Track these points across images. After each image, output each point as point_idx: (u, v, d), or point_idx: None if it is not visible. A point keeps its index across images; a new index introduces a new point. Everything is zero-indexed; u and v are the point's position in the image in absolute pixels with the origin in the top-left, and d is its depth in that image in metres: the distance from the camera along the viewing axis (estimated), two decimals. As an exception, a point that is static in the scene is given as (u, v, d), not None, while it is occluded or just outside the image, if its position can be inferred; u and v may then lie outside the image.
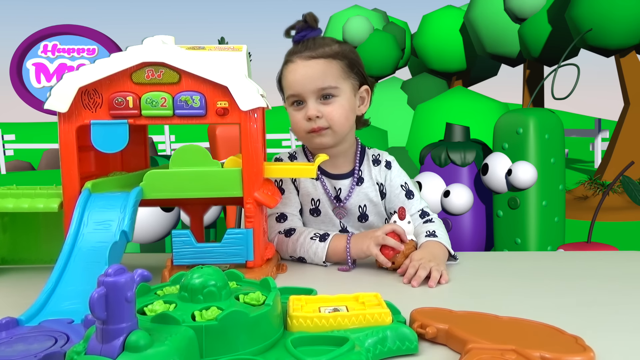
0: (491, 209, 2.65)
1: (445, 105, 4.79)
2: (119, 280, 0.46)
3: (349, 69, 1.13)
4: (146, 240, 2.20)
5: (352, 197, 1.17)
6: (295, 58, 1.12)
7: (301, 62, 1.11)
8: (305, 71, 1.10)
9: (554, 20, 7.15)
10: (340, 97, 1.11)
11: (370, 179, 1.20)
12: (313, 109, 1.09)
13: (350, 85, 1.14)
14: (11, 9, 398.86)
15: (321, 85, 1.09)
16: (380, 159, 1.22)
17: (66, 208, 0.87)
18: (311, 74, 1.09)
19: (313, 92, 1.10)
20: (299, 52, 1.12)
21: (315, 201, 1.17)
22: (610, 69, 7.41)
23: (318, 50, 1.11)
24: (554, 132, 2.51)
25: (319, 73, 1.10)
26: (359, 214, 1.19)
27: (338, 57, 1.12)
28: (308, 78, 1.09)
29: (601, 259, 1.10)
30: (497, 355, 0.55)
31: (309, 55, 1.11)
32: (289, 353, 0.55)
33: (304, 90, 1.10)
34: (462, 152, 2.66)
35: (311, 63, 1.10)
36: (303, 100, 1.11)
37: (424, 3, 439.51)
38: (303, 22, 1.15)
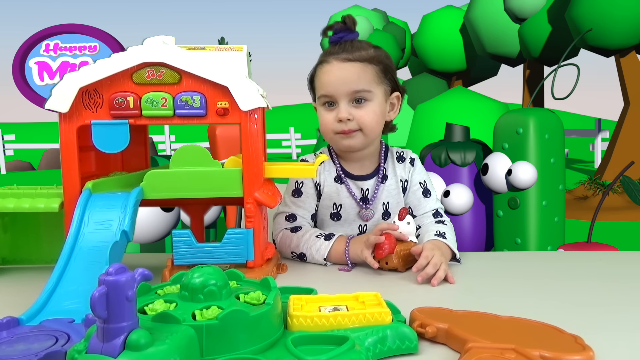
0: (491, 209, 2.65)
1: (445, 105, 4.79)
2: (119, 280, 0.46)
3: (383, 75, 1.13)
4: (146, 240, 2.20)
5: (377, 195, 1.17)
6: (332, 59, 1.12)
7: (337, 64, 1.11)
8: (341, 73, 1.10)
9: (554, 20, 7.15)
10: (373, 102, 1.11)
11: (395, 175, 1.19)
12: (345, 111, 1.09)
13: (383, 91, 1.14)
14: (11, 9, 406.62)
15: (355, 88, 1.09)
16: (405, 156, 1.23)
17: (67, 208, 0.87)
18: (346, 77, 1.09)
19: (346, 95, 1.10)
20: (335, 53, 1.12)
21: (337, 206, 1.17)
22: (610, 69, 7.40)
23: (355, 54, 1.11)
24: (554, 132, 2.51)
25: (354, 76, 1.09)
26: (382, 211, 1.18)
27: (374, 62, 1.12)
28: (342, 80, 1.09)
29: (601, 259, 1.10)
30: (497, 355, 0.55)
31: (346, 58, 1.10)
32: (289, 352, 0.55)
33: (338, 92, 1.10)
34: (462, 152, 2.66)
35: (347, 66, 1.10)
36: (335, 102, 1.11)
37: (424, 3, 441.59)
38: (342, 24, 1.16)
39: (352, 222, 1.17)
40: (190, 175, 0.89)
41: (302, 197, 1.16)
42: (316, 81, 1.15)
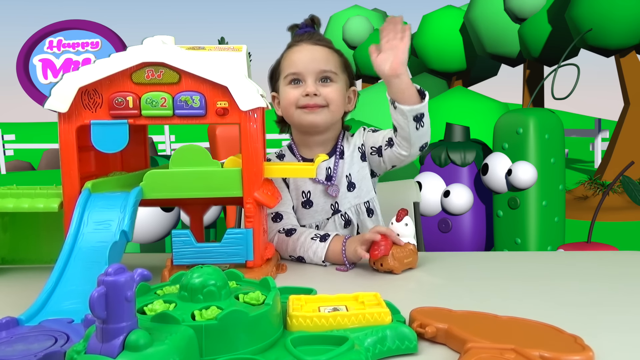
0: (491, 209, 2.65)
1: (445, 105, 4.79)
2: (119, 280, 0.46)
3: (344, 67, 1.22)
4: (146, 240, 2.20)
5: (338, 170, 1.21)
6: (301, 42, 1.19)
7: (307, 46, 1.18)
8: (311, 53, 1.17)
9: (554, 20, 7.15)
10: (338, 84, 1.18)
11: (349, 147, 1.24)
12: (312, 85, 1.15)
13: (345, 80, 1.21)
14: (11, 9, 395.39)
15: (324, 68, 1.16)
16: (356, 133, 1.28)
17: (66, 208, 0.87)
18: (316, 56, 1.16)
19: (314, 73, 1.15)
20: (304, 39, 1.20)
21: (306, 193, 1.20)
22: (610, 69, 7.40)
23: (323, 41, 1.20)
24: (554, 132, 2.52)
25: (323, 57, 1.17)
26: (347, 183, 1.21)
27: (338, 53, 1.21)
28: (312, 59, 1.16)
29: (601, 259, 1.10)
30: (497, 355, 0.55)
31: (315, 42, 1.19)
32: (289, 352, 0.55)
33: (307, 69, 1.15)
34: (462, 152, 2.66)
35: (317, 47, 1.18)
36: (302, 80, 1.16)
37: (424, 3, 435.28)
38: (309, 20, 1.25)
39: (324, 204, 1.20)
40: (190, 175, 0.89)
41: None
42: (282, 63, 1.21)
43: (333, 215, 1.20)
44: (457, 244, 2.62)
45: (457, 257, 1.11)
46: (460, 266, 1.03)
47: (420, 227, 1.53)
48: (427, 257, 1.17)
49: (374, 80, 9.61)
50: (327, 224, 1.21)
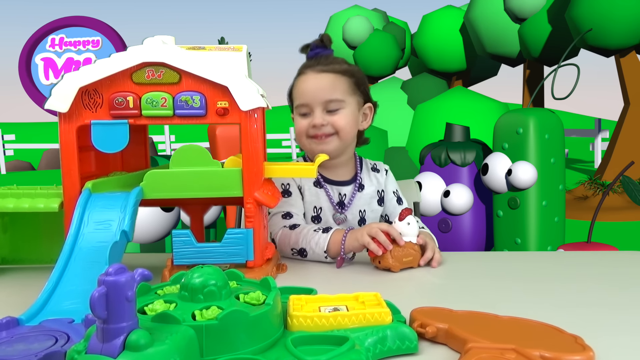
0: (491, 209, 2.65)
1: (445, 105, 4.79)
2: (119, 280, 0.46)
3: (356, 87, 1.21)
4: (146, 240, 2.20)
5: (354, 202, 1.24)
6: (307, 70, 1.21)
7: (312, 75, 1.19)
8: (316, 83, 1.18)
9: (554, 20, 7.15)
10: (346, 109, 1.19)
11: (372, 185, 1.28)
12: (319, 117, 1.17)
13: (356, 101, 1.22)
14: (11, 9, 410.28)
15: (328, 98, 1.17)
16: (379, 167, 1.32)
17: (66, 208, 0.87)
18: (321, 86, 1.17)
19: (320, 103, 1.17)
20: (311, 65, 1.21)
21: (318, 209, 1.22)
22: (610, 69, 7.41)
23: (329, 66, 1.19)
24: (554, 132, 2.51)
25: (327, 86, 1.17)
26: (359, 218, 1.24)
27: (347, 75, 1.20)
28: (317, 89, 1.17)
29: (601, 259, 1.10)
30: (497, 355, 0.55)
31: (321, 69, 1.19)
32: (289, 352, 0.55)
33: (313, 100, 1.17)
34: (462, 152, 2.66)
35: (322, 76, 1.18)
36: (310, 110, 1.18)
37: (424, 3, 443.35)
38: (319, 41, 1.25)
39: (332, 223, 1.22)
40: (190, 175, 0.89)
41: (292, 196, 1.20)
42: (294, 92, 1.23)
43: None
44: (457, 244, 2.62)
45: (457, 257, 1.11)
46: (460, 266, 1.03)
47: (420, 227, 1.53)
48: (427, 257, 1.17)
49: (374, 80, 9.61)
50: None
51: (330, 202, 1.22)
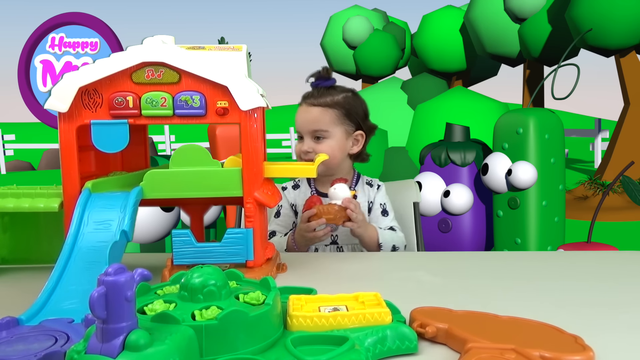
0: (491, 209, 2.65)
1: (445, 105, 4.79)
2: (119, 280, 0.46)
3: (345, 117, 1.37)
4: (146, 240, 2.20)
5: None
6: (303, 102, 1.39)
7: (304, 108, 1.38)
8: (305, 116, 1.37)
9: (554, 20, 7.15)
10: (330, 139, 1.36)
11: (363, 196, 1.42)
12: (307, 145, 1.37)
13: (343, 130, 1.38)
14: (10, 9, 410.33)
15: (314, 128, 1.36)
16: (373, 183, 1.46)
17: (66, 208, 0.87)
18: (309, 118, 1.36)
19: (308, 132, 1.37)
20: (306, 97, 1.39)
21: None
22: (610, 69, 7.41)
23: (319, 99, 1.36)
24: (554, 132, 2.52)
25: (315, 118, 1.36)
26: None
27: (335, 107, 1.36)
28: (306, 120, 1.37)
29: (601, 259, 1.10)
30: (497, 355, 0.55)
31: (311, 103, 1.37)
32: (289, 352, 0.55)
33: (303, 129, 1.38)
34: (462, 152, 2.66)
35: (311, 109, 1.36)
36: (303, 137, 1.38)
37: (424, 3, 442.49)
38: (318, 73, 1.41)
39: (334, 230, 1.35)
40: (190, 175, 0.89)
41: (281, 217, 1.41)
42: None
43: (331, 244, 1.37)
44: (457, 244, 2.62)
45: (457, 257, 1.11)
46: (460, 266, 1.03)
47: (420, 227, 1.53)
48: (427, 257, 1.17)
49: (374, 80, 9.61)
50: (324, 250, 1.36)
51: None
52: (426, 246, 1.58)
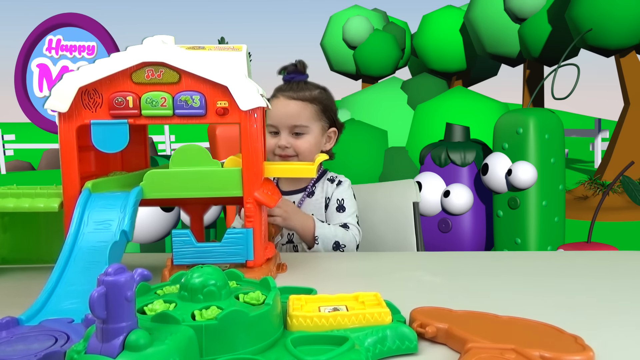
0: (491, 209, 2.65)
1: (445, 105, 4.79)
2: (119, 280, 0.46)
3: (322, 113, 1.35)
4: (146, 240, 2.20)
5: (302, 207, 1.35)
6: (279, 95, 1.33)
7: (283, 100, 1.32)
8: (285, 109, 1.31)
9: (554, 20, 7.15)
10: (309, 135, 1.33)
11: (322, 192, 1.38)
12: (284, 140, 1.31)
13: (320, 126, 1.35)
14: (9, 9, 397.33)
15: (294, 123, 1.31)
16: (335, 179, 1.41)
17: (66, 208, 0.87)
18: (289, 112, 1.31)
19: (287, 127, 1.32)
20: (283, 90, 1.34)
21: None
22: (610, 69, 7.41)
23: (299, 93, 1.32)
24: (554, 132, 2.52)
25: (295, 112, 1.31)
26: None
27: (314, 102, 1.33)
28: (285, 115, 1.31)
29: (601, 259, 1.10)
30: (497, 355, 0.55)
31: (290, 96, 1.32)
32: (289, 352, 0.55)
33: (280, 124, 1.32)
34: (462, 152, 2.66)
35: (290, 103, 1.31)
36: (278, 131, 1.32)
37: (424, 3, 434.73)
38: (294, 66, 1.36)
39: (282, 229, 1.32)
40: (190, 175, 0.89)
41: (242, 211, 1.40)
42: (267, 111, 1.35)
43: (287, 244, 1.35)
44: (457, 244, 2.62)
45: (457, 257, 1.11)
46: (460, 266, 1.03)
47: (420, 227, 1.53)
48: (427, 257, 1.17)
49: (373, 80, 9.61)
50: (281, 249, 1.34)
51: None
52: (426, 246, 1.58)
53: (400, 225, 1.49)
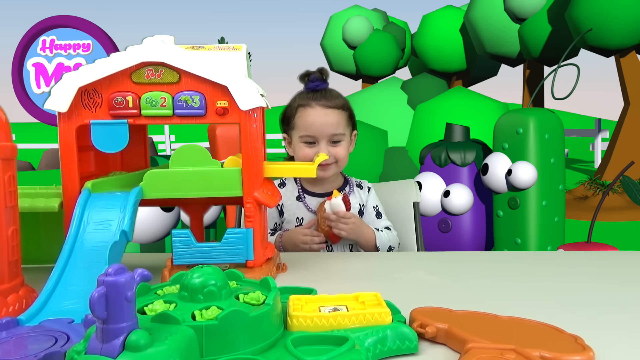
0: (491, 209, 2.65)
1: (445, 105, 4.79)
2: (119, 280, 0.46)
3: (349, 119, 1.38)
4: (146, 240, 2.20)
5: None
6: (314, 104, 1.33)
7: (320, 110, 1.33)
8: (324, 119, 1.32)
9: (554, 20, 7.15)
10: (344, 141, 1.36)
11: (355, 199, 1.41)
12: (325, 149, 1.33)
13: (350, 132, 1.40)
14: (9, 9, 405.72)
15: (334, 132, 1.33)
16: (363, 185, 1.47)
17: (66, 208, 0.87)
18: (328, 121, 1.32)
19: (326, 136, 1.33)
20: (317, 99, 1.34)
21: (300, 219, 1.39)
22: (610, 69, 7.40)
23: (333, 101, 1.34)
24: (554, 132, 2.51)
25: (334, 122, 1.33)
26: None
27: (345, 109, 1.36)
28: (325, 124, 1.32)
29: (601, 259, 1.10)
30: (497, 355, 0.55)
31: (327, 105, 1.33)
32: (289, 352, 0.55)
33: (320, 133, 1.33)
34: (462, 152, 2.66)
35: (328, 112, 1.33)
36: (316, 141, 1.33)
37: (424, 3, 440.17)
38: (319, 74, 1.36)
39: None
40: (189, 175, 0.89)
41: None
42: (297, 121, 1.36)
43: (321, 243, 1.35)
44: (457, 244, 2.62)
45: (457, 257, 1.11)
46: (460, 266, 1.03)
47: (420, 227, 1.53)
48: (427, 257, 1.17)
49: (374, 80, 9.61)
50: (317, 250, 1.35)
51: (312, 212, 1.38)
52: (426, 246, 1.58)
53: (401, 225, 1.49)
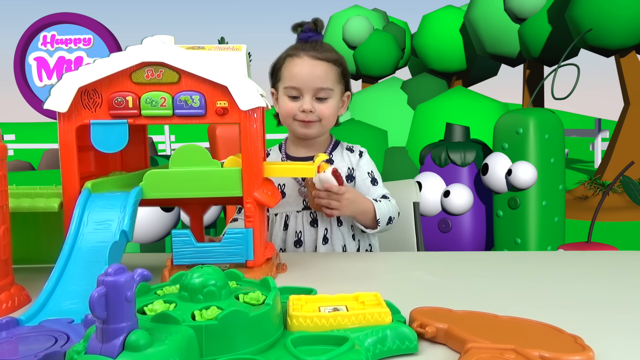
0: (491, 209, 2.65)
1: (445, 105, 4.79)
2: (119, 280, 0.46)
3: (341, 76, 1.27)
4: (146, 240, 2.20)
5: None
6: (302, 54, 1.23)
7: (308, 60, 1.22)
8: (310, 70, 1.21)
9: (554, 20, 7.15)
10: (332, 99, 1.25)
11: (342, 161, 1.31)
12: (309, 103, 1.22)
13: (340, 90, 1.28)
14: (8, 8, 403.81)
15: (320, 86, 1.22)
16: (354, 148, 1.35)
17: (66, 208, 0.87)
18: (315, 73, 1.21)
19: (312, 90, 1.22)
20: (306, 50, 1.23)
21: (281, 185, 1.29)
22: (610, 69, 7.40)
23: (324, 54, 1.23)
24: (554, 132, 2.52)
25: (322, 73, 1.22)
26: None
27: (336, 64, 1.25)
28: (311, 76, 1.21)
29: (601, 259, 1.10)
30: (497, 355, 0.55)
31: (316, 56, 1.22)
32: (289, 352, 0.55)
33: (305, 85, 1.21)
34: (462, 152, 2.66)
35: (316, 63, 1.22)
36: (300, 94, 1.23)
37: (424, 3, 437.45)
38: (312, 24, 1.27)
39: (296, 198, 1.29)
40: (189, 175, 0.89)
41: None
42: (283, 71, 1.25)
43: (303, 210, 1.28)
44: (457, 244, 2.62)
45: (457, 257, 1.11)
46: (460, 266, 1.03)
47: (420, 227, 1.53)
48: (427, 257, 1.17)
49: (374, 80, 9.61)
50: (296, 217, 1.28)
51: (294, 179, 1.28)
52: (426, 246, 1.58)
53: (401, 225, 1.49)
